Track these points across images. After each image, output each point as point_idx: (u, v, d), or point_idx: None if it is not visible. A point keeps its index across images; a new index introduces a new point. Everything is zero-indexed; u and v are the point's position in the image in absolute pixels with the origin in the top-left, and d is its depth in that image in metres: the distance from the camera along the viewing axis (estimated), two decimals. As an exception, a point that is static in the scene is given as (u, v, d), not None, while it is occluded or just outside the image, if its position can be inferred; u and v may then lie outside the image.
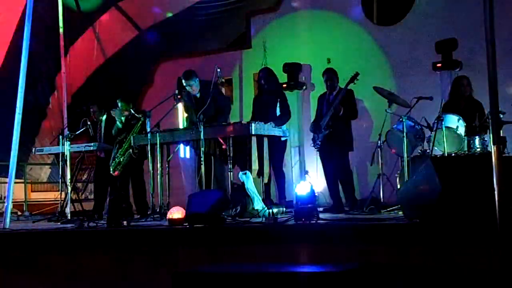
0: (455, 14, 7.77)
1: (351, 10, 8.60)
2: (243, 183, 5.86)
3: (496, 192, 3.27)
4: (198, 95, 6.81)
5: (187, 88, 6.80)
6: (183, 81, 6.81)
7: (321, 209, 6.25)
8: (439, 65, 7.71)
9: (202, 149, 6.23)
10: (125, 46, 10.15)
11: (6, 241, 5.51)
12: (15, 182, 6.86)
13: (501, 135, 5.76)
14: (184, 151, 6.82)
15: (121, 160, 6.93)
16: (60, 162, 7.25)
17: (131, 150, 6.80)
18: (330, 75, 6.84)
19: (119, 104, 7.20)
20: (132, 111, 7.05)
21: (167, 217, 5.39)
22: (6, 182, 6.92)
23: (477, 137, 6.07)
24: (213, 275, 3.65)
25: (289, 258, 4.35)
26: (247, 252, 4.50)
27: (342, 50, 8.56)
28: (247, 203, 5.74)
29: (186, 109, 7.06)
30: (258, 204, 5.81)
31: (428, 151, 6.22)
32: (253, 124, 6.11)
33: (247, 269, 3.73)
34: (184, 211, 5.30)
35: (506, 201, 3.27)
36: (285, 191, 7.10)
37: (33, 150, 8.27)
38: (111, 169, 6.98)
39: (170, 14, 9.69)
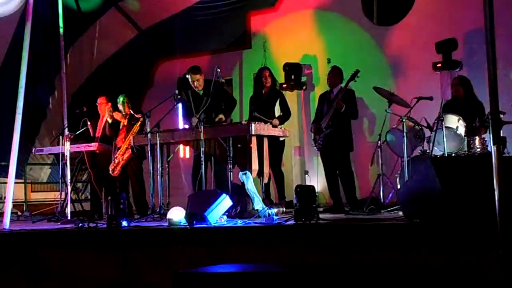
0: (455, 14, 7.77)
1: (351, 10, 8.60)
2: (243, 183, 5.87)
3: (496, 192, 3.27)
4: (201, 93, 6.80)
5: (195, 83, 6.76)
6: (190, 75, 6.78)
7: (321, 209, 6.26)
8: (439, 65, 7.71)
9: (202, 149, 6.24)
10: (125, 46, 10.16)
11: (6, 241, 5.51)
12: (15, 182, 6.86)
13: (501, 135, 5.76)
14: (184, 151, 6.82)
15: (120, 160, 6.94)
16: (60, 162, 7.26)
17: (130, 150, 6.81)
18: (332, 72, 6.86)
19: (121, 100, 7.21)
20: (131, 111, 7.06)
21: (167, 217, 5.39)
22: (6, 182, 6.92)
23: (477, 137, 6.07)
24: (213, 275, 3.65)
25: (289, 258, 4.35)
26: (247, 252, 4.50)
27: (342, 50, 8.56)
28: (247, 203, 5.75)
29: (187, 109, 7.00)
30: (258, 204, 5.82)
31: (428, 151, 6.23)
32: (253, 124, 6.11)
33: (247, 269, 3.73)
34: (184, 211, 5.30)
35: (506, 202, 3.27)
36: (285, 191, 7.11)
37: (33, 150, 8.27)
38: (110, 170, 6.99)
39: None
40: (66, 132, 7.16)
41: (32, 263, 5.28)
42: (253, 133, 6.09)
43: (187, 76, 6.91)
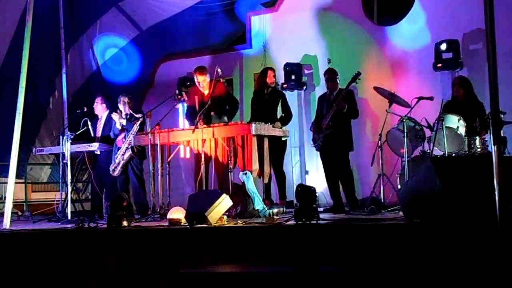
0: (455, 14, 7.77)
1: (351, 10, 8.60)
2: (243, 183, 5.87)
3: (496, 193, 3.27)
4: (206, 93, 6.81)
5: (200, 83, 6.78)
6: (196, 75, 6.80)
7: (321, 209, 6.26)
8: (439, 65, 7.71)
9: (202, 149, 6.24)
10: (125, 46, 10.16)
11: (6, 241, 5.51)
12: (16, 182, 6.86)
13: (502, 135, 5.76)
14: (184, 151, 6.82)
15: (121, 160, 6.94)
16: (61, 162, 7.26)
17: (131, 150, 6.81)
18: (331, 75, 6.84)
19: (121, 100, 7.21)
20: (131, 111, 7.06)
21: (167, 217, 5.39)
22: (6, 182, 6.92)
23: (477, 137, 6.07)
24: (214, 275, 3.65)
25: (289, 259, 4.35)
26: (247, 252, 4.50)
27: (342, 50, 8.56)
28: (247, 203, 5.75)
29: (190, 109, 7.02)
30: (259, 204, 5.82)
31: (428, 151, 6.23)
32: (253, 125, 6.11)
33: (247, 269, 3.73)
34: (184, 211, 5.31)
35: (507, 202, 3.27)
36: (286, 191, 7.11)
37: (34, 150, 8.27)
38: (111, 170, 6.99)
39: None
40: (67, 132, 7.16)
41: (32, 263, 5.28)
42: (253, 133, 6.09)
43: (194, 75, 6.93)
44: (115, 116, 7.12)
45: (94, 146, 7.30)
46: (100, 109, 7.58)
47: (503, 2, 6.68)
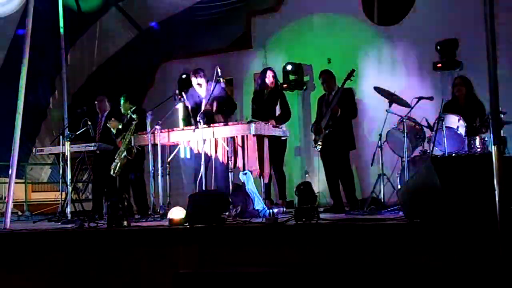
0: (455, 14, 7.77)
1: (351, 10, 8.60)
2: (243, 183, 5.87)
3: (496, 192, 3.27)
4: (203, 94, 6.83)
5: (197, 86, 6.80)
6: (193, 77, 6.83)
7: (321, 209, 6.26)
8: (439, 65, 7.71)
9: (202, 149, 6.24)
10: (125, 46, 10.16)
11: (7, 241, 5.51)
12: (16, 182, 6.86)
13: (502, 135, 5.76)
14: (185, 151, 6.83)
15: (120, 161, 6.92)
16: (61, 162, 7.26)
17: (126, 152, 6.75)
18: (326, 77, 6.84)
19: (122, 102, 7.21)
20: (130, 112, 7.04)
21: (167, 217, 5.39)
22: (6, 182, 6.92)
23: (477, 137, 6.08)
24: (214, 275, 3.65)
25: (289, 259, 4.35)
26: (247, 252, 4.50)
27: (342, 50, 8.57)
28: (247, 203, 5.75)
29: (188, 110, 7.05)
30: (259, 204, 5.82)
31: (428, 151, 6.23)
32: (253, 125, 6.11)
33: (247, 269, 3.73)
34: (184, 211, 5.31)
35: (506, 201, 3.27)
36: (286, 191, 7.11)
37: (34, 150, 8.27)
38: (111, 170, 6.97)
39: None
40: (67, 132, 7.15)
41: (32, 263, 5.28)
42: (253, 133, 6.09)
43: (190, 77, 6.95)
44: (109, 124, 7.10)
45: (94, 146, 7.30)
46: (102, 107, 7.59)
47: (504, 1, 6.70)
